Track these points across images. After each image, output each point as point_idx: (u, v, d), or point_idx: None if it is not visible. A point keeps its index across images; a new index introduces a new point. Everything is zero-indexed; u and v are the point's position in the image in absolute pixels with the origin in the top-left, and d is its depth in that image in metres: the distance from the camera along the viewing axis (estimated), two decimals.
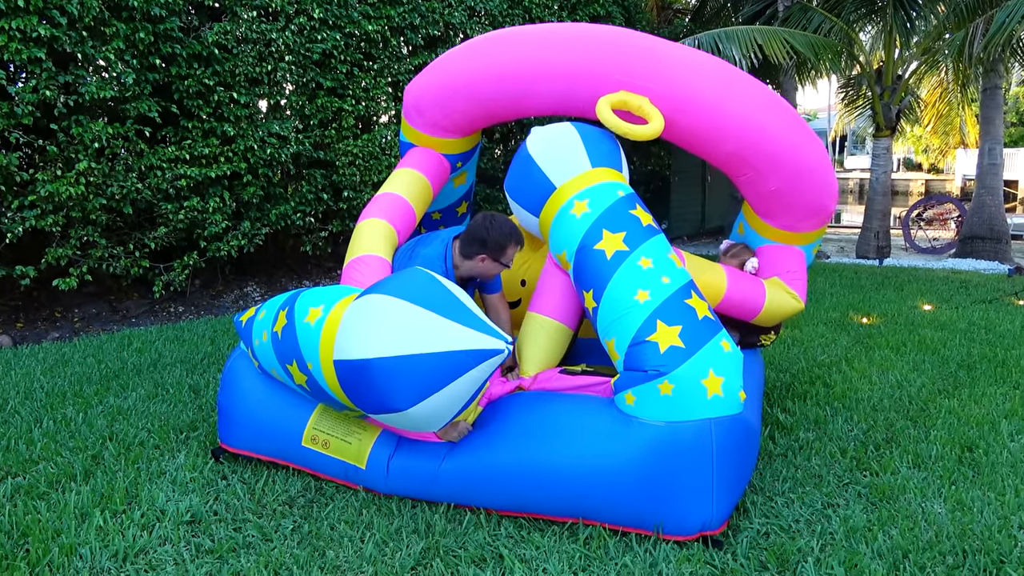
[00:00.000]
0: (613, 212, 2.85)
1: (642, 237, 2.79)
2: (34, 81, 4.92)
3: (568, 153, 3.02)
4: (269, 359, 2.73)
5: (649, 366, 2.51)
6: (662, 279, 2.66)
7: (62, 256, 5.34)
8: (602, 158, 3.04)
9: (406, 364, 2.16)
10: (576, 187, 2.95)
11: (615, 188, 2.94)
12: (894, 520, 2.58)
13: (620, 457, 2.42)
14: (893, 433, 3.41)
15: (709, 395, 2.46)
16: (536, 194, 3.06)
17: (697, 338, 2.54)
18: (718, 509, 2.40)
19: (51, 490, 2.75)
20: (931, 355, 4.83)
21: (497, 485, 2.53)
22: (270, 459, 2.92)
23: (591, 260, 2.80)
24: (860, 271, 9.22)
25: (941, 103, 13.82)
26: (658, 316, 2.58)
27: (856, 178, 33.68)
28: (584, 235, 2.84)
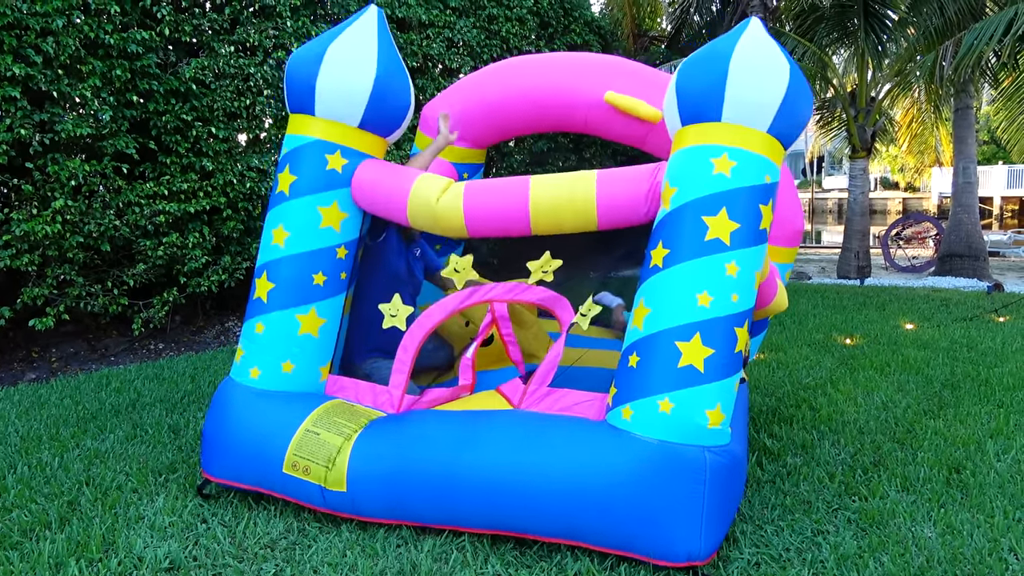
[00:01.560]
0: (746, 195, 2.52)
1: (750, 240, 2.53)
2: (8, 120, 4.87)
3: (761, 96, 2.53)
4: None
5: (655, 372, 2.44)
6: (732, 295, 2.48)
7: (38, 296, 5.26)
8: (784, 126, 2.60)
9: (310, 42, 3.10)
10: (737, 139, 2.54)
11: (767, 169, 2.57)
12: (885, 546, 2.56)
13: (608, 471, 2.38)
14: (880, 456, 3.40)
15: (709, 426, 2.43)
16: (700, 106, 2.60)
17: (719, 370, 2.45)
18: (707, 539, 2.37)
19: (24, 539, 2.67)
20: (915, 375, 4.85)
21: (482, 497, 2.49)
22: (253, 488, 2.85)
23: (689, 226, 2.52)
24: (842, 291, 9.29)
25: (915, 123, 14.08)
26: (701, 329, 2.44)
27: (835, 198, 34.15)
28: (704, 197, 2.51)
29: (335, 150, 3.08)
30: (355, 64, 3.03)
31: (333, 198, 3.07)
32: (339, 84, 3.01)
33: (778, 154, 2.62)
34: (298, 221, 3.03)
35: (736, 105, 2.53)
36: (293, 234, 3.02)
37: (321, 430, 2.77)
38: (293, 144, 3.11)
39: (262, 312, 3.02)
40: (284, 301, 3.00)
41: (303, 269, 3.01)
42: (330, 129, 3.07)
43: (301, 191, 3.04)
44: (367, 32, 3.10)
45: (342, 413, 2.88)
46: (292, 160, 3.09)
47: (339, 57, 3.02)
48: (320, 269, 3.04)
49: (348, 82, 3.02)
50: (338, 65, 3.02)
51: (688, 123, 2.65)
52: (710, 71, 2.56)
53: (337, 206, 3.08)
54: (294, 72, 3.09)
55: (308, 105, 3.06)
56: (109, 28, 5.23)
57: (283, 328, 2.99)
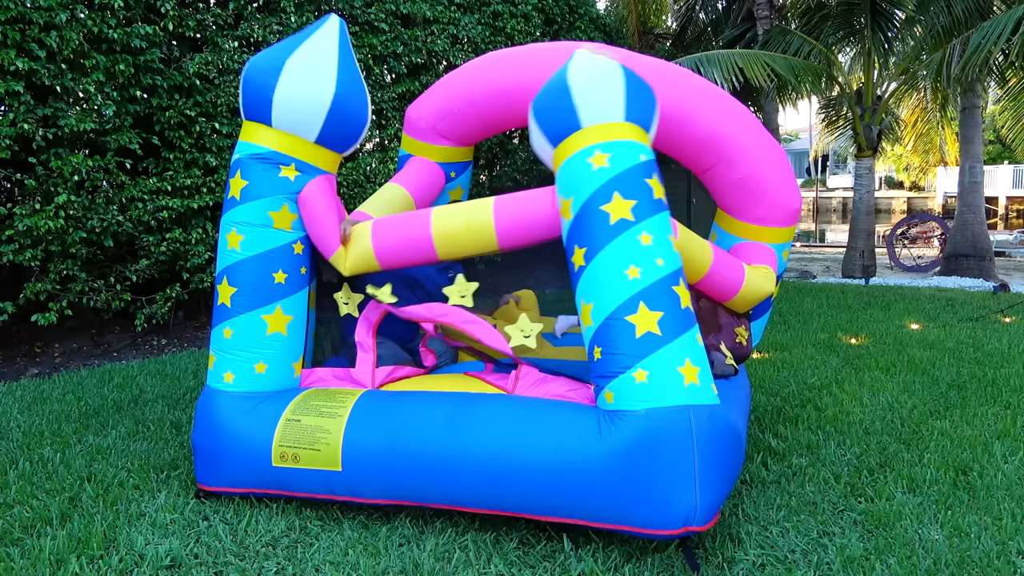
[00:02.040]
0: (630, 176, 2.70)
1: (650, 210, 2.68)
2: (12, 114, 4.86)
3: (606, 95, 2.78)
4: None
5: (619, 350, 2.51)
6: (656, 260, 2.59)
7: (41, 291, 5.25)
8: (637, 113, 2.83)
9: (269, 49, 3.05)
10: (602, 135, 2.76)
11: (639, 150, 2.77)
12: (891, 549, 2.53)
13: (599, 446, 2.42)
14: (886, 457, 3.38)
15: (686, 382, 2.45)
16: (560, 125, 2.83)
17: (675, 327, 2.52)
18: (702, 501, 2.35)
19: (25, 535, 2.65)
20: (921, 375, 4.82)
21: (478, 476, 2.52)
22: (250, 491, 2.84)
23: (594, 219, 2.67)
24: (847, 291, 9.25)
25: (921, 122, 14.02)
26: (643, 298, 2.53)
27: (839, 197, 34.05)
28: (595, 191, 2.68)
29: (290, 163, 3.03)
30: (314, 79, 2.98)
31: (283, 201, 3.03)
32: (297, 98, 2.96)
33: (643, 136, 2.82)
34: (250, 224, 3.00)
35: (588, 108, 2.76)
36: (247, 237, 3.00)
37: (302, 416, 2.81)
38: (247, 151, 3.05)
39: (228, 317, 3.00)
40: (248, 303, 2.98)
41: (262, 269, 3.00)
42: (285, 142, 3.02)
43: (252, 196, 3.01)
44: (328, 44, 3.06)
45: (318, 396, 2.93)
46: (243, 167, 3.05)
47: (298, 70, 2.97)
48: (279, 267, 3.02)
49: (306, 97, 2.97)
50: (297, 78, 2.96)
51: (557, 143, 2.84)
52: (556, 95, 2.81)
53: (287, 209, 3.04)
54: (251, 80, 3.02)
55: (265, 115, 3.00)
56: (113, 23, 5.22)
57: (251, 330, 2.98)
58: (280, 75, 2.95)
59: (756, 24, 11.76)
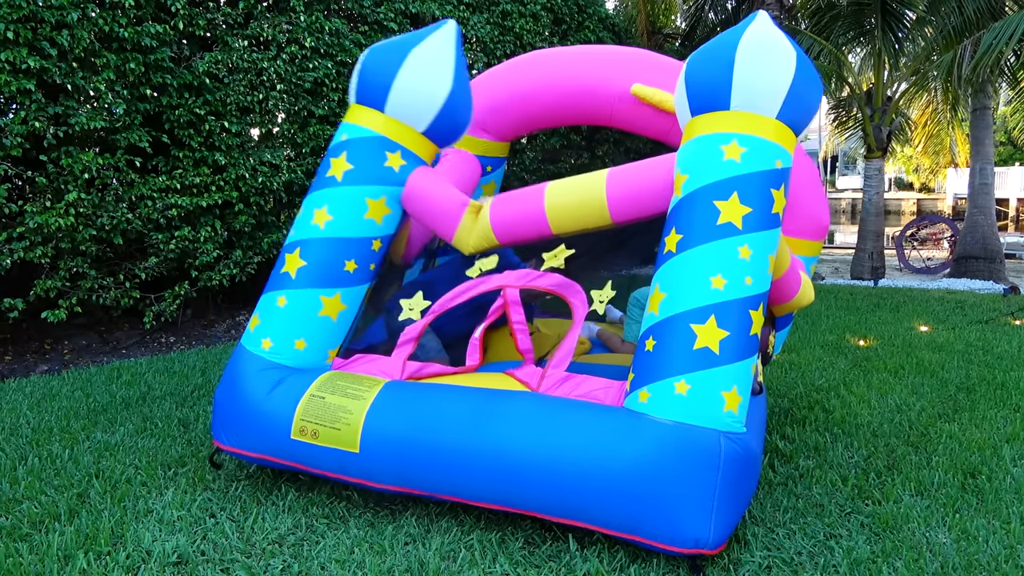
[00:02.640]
0: (757, 180, 2.56)
1: (762, 224, 2.55)
2: (23, 112, 4.89)
3: (769, 85, 2.59)
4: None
5: (671, 354, 2.45)
6: (746, 279, 2.49)
7: (51, 288, 5.28)
8: (793, 113, 2.64)
9: (392, 40, 3.21)
10: (747, 126, 2.59)
11: (778, 154, 2.61)
12: (898, 551, 2.52)
13: (622, 451, 2.37)
14: (894, 459, 3.36)
15: (725, 408, 2.40)
16: (708, 96, 2.66)
17: (735, 352, 2.44)
18: (716, 526, 2.33)
19: (34, 531, 2.67)
20: (929, 378, 4.79)
21: (494, 472, 2.49)
22: (262, 457, 2.86)
23: (701, 211, 2.55)
24: (855, 292, 9.21)
25: (931, 123, 13.95)
26: (715, 312, 2.44)
27: (848, 198, 33.93)
28: (715, 183, 2.55)
29: (396, 149, 3.15)
30: (434, 73, 3.13)
31: (383, 192, 3.14)
32: (416, 89, 3.11)
33: (789, 140, 2.65)
34: (344, 207, 3.09)
35: (744, 93, 2.58)
36: (336, 218, 3.08)
37: (326, 394, 2.81)
38: (354, 134, 3.17)
39: (287, 287, 3.05)
40: (312, 280, 3.04)
41: (338, 253, 3.07)
42: (396, 129, 3.15)
43: (354, 180, 3.11)
44: (447, 45, 3.19)
45: (346, 378, 2.93)
46: (351, 149, 3.15)
47: (421, 63, 3.11)
48: (353, 257, 3.10)
49: (425, 89, 3.12)
50: (418, 70, 3.11)
51: (697, 113, 2.70)
52: (717, 61, 2.62)
53: (384, 201, 3.15)
54: (371, 66, 3.16)
55: (379, 101, 3.13)
56: (124, 22, 5.24)
57: (305, 306, 3.03)
58: (403, 64, 3.09)
59: None
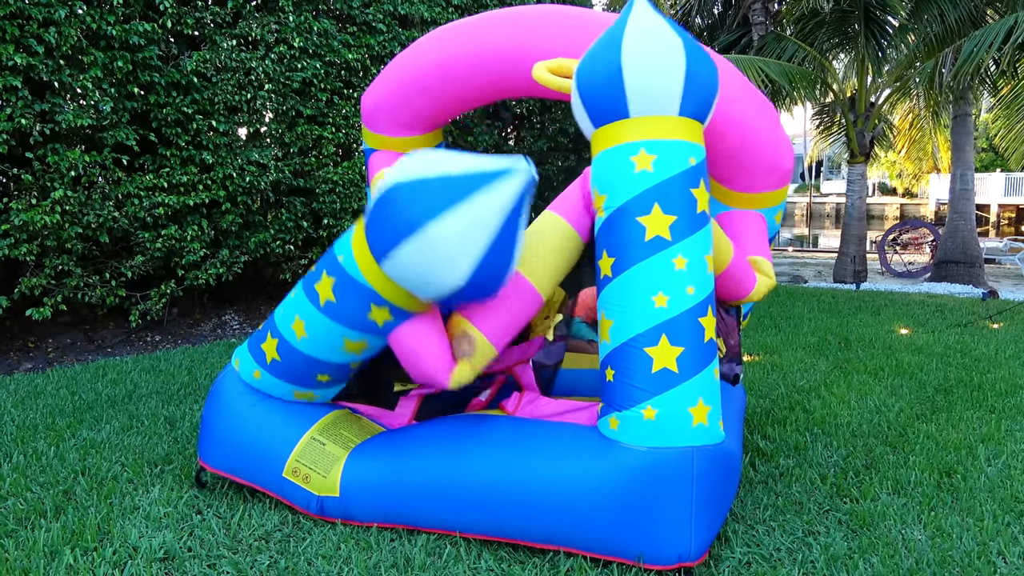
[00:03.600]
0: (674, 185, 2.49)
1: (689, 228, 2.49)
2: (9, 109, 4.88)
3: (664, 83, 2.47)
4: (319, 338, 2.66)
5: (632, 382, 2.45)
6: (688, 288, 2.45)
7: (36, 286, 5.26)
8: (695, 103, 2.55)
9: (425, 184, 2.23)
10: (651, 131, 2.50)
11: (689, 152, 2.53)
12: (875, 548, 2.58)
13: (599, 480, 2.39)
14: (872, 459, 3.43)
15: (694, 423, 2.43)
16: (605, 107, 2.55)
17: (694, 364, 2.45)
18: (697, 540, 2.38)
19: (19, 527, 2.68)
20: (908, 379, 4.87)
21: (472, 504, 2.52)
22: (248, 484, 2.86)
23: (627, 231, 2.50)
24: (838, 295, 9.32)
25: (914, 129, 14.13)
26: (665, 330, 2.43)
27: (832, 202, 34.22)
28: (634, 198, 2.49)
29: (383, 305, 2.56)
30: (455, 257, 2.33)
31: (362, 337, 2.67)
32: (426, 272, 2.37)
33: (696, 133, 2.57)
34: (320, 335, 2.67)
35: (640, 97, 2.48)
36: (311, 338, 2.69)
37: (327, 441, 2.78)
38: (347, 269, 2.57)
39: (263, 366, 2.86)
40: (285, 376, 2.84)
41: (310, 367, 2.77)
42: (388, 288, 2.50)
43: (335, 316, 2.62)
44: (494, 211, 2.38)
45: (349, 425, 2.89)
46: (339, 283, 2.59)
47: (431, 245, 2.31)
48: (327, 373, 2.80)
49: (436, 274, 2.35)
50: (426, 253, 2.36)
51: (599, 125, 2.60)
52: (606, 69, 2.50)
53: (367, 344, 2.71)
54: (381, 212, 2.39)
55: (377, 253, 2.43)
56: (111, 19, 5.24)
57: (279, 391, 2.89)
58: (411, 238, 2.29)
59: (752, 30, 11.83)
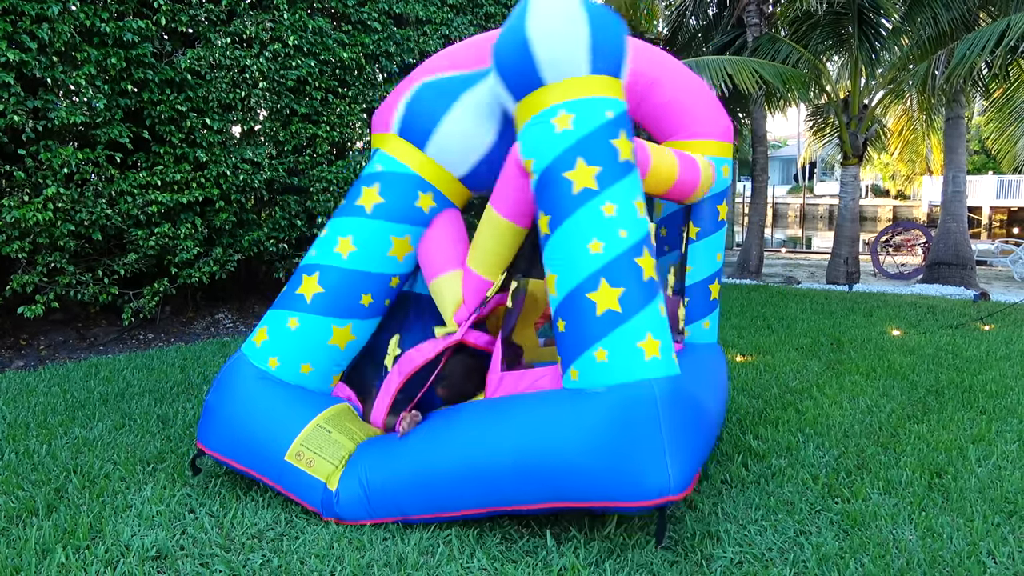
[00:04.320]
0: (595, 139, 2.63)
1: (615, 176, 2.62)
2: (1, 106, 4.85)
3: (569, 46, 2.63)
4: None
5: (580, 328, 2.53)
6: (620, 232, 2.57)
7: (28, 283, 5.24)
8: (604, 60, 2.69)
9: (450, 78, 2.96)
10: (565, 93, 2.66)
11: (605, 106, 2.68)
12: (866, 548, 2.59)
13: (570, 429, 2.45)
14: (864, 459, 3.44)
15: (647, 357, 2.48)
16: (521, 80, 2.72)
17: (636, 302, 2.53)
18: (675, 470, 2.37)
19: (11, 525, 2.67)
20: (900, 380, 4.90)
21: (461, 484, 2.56)
22: (245, 469, 2.86)
23: (556, 187, 2.63)
24: (830, 296, 9.35)
25: (907, 131, 14.19)
26: (604, 274, 2.53)
27: (826, 204, 34.33)
28: (558, 156, 2.63)
29: (429, 190, 3.11)
30: (481, 123, 3.04)
31: (408, 232, 3.11)
32: (461, 136, 3.04)
33: (612, 87, 2.72)
34: (369, 241, 3.05)
35: (551, 66, 2.64)
36: (360, 250, 3.04)
37: (333, 429, 2.83)
38: (390, 167, 3.12)
39: (301, 310, 3.02)
40: (327, 308, 3.02)
41: (356, 286, 3.05)
42: (433, 171, 3.11)
43: (383, 215, 3.06)
44: (496, 94, 2.98)
45: (353, 419, 2.96)
46: (384, 182, 3.10)
47: (470, 109, 3.02)
48: (371, 291, 3.08)
49: (470, 137, 3.04)
50: (466, 117, 3.02)
51: (519, 98, 2.76)
52: (515, 47, 2.68)
53: (408, 240, 3.13)
54: (421, 103, 3.09)
55: (421, 139, 3.07)
56: (105, 16, 5.22)
57: (316, 333, 3.01)
58: (451, 108, 3.02)
59: (746, 31, 11.87)
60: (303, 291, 3.04)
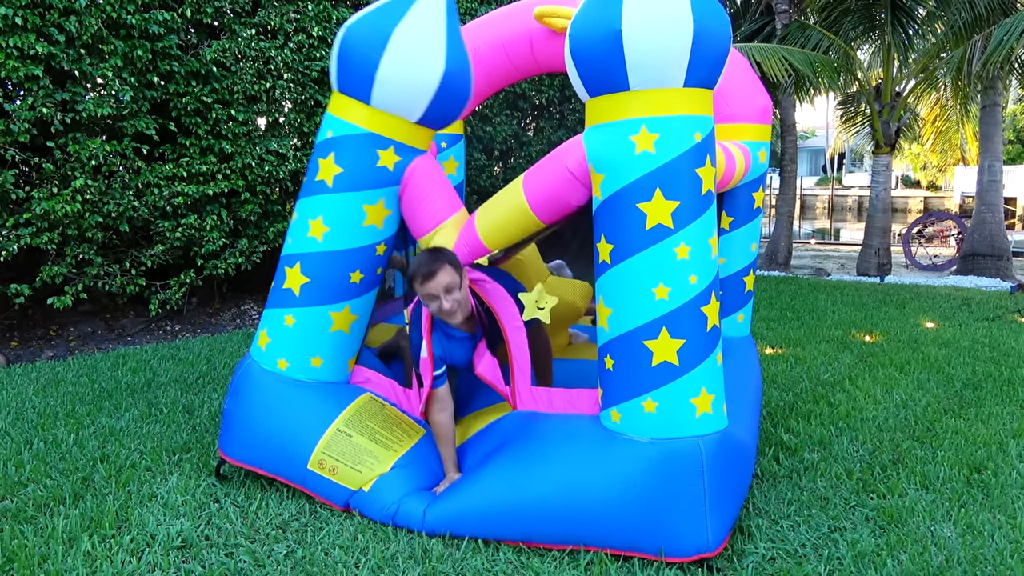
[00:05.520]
0: (678, 168, 2.32)
1: (694, 213, 2.35)
2: (31, 99, 4.89)
3: (667, 53, 2.25)
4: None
5: (631, 374, 2.39)
6: (690, 278, 2.35)
7: (57, 274, 5.29)
8: (703, 71, 2.33)
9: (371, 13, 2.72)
10: (651, 107, 2.31)
11: (694, 127, 2.35)
12: (903, 544, 2.51)
13: (606, 477, 2.35)
14: (899, 454, 3.35)
15: (698, 413, 2.38)
16: (603, 78, 2.36)
17: (696, 355, 2.39)
18: (714, 529, 2.32)
19: (39, 514, 2.68)
20: (935, 374, 4.77)
21: (490, 518, 2.47)
22: (269, 475, 2.84)
23: (626, 218, 2.36)
24: (861, 288, 9.18)
25: (940, 120, 13.87)
26: (666, 323, 2.35)
27: (855, 195, 33.79)
28: (633, 182, 2.34)
29: (388, 146, 2.79)
30: (424, 54, 2.67)
31: (380, 196, 2.83)
32: (405, 77, 2.68)
33: (703, 102, 2.38)
34: (340, 217, 2.80)
35: (641, 70, 2.28)
36: (333, 229, 2.80)
37: (353, 432, 2.76)
38: (340, 130, 2.81)
39: (293, 305, 2.88)
40: (318, 297, 2.85)
41: (341, 267, 2.85)
42: (386, 122, 2.77)
43: (346, 186, 2.79)
44: (435, 14, 2.72)
45: (373, 415, 2.86)
46: (338, 149, 2.80)
47: (406, 44, 2.65)
48: (358, 267, 2.88)
49: (415, 76, 2.68)
50: (405, 53, 2.65)
51: (596, 95, 2.42)
52: (603, 34, 2.28)
53: (383, 203, 2.86)
54: (351, 51, 2.72)
55: (363, 92, 2.73)
56: (131, 8, 5.24)
57: (315, 324, 2.87)
58: (386, 48, 2.64)
59: (775, 18, 11.67)
60: (289, 285, 2.87)
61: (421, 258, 2.69)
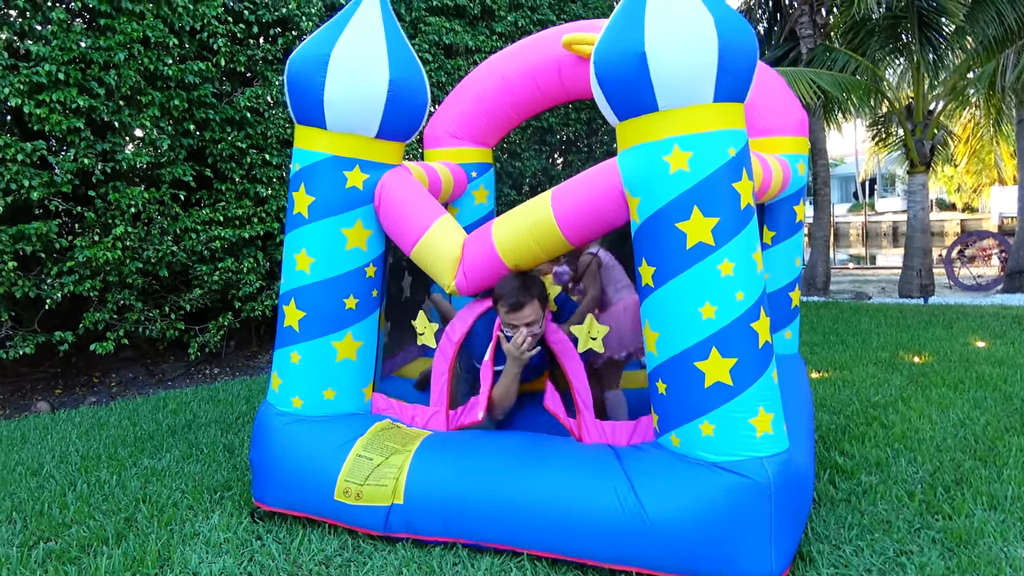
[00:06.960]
0: (714, 184, 2.27)
1: (734, 228, 2.29)
2: (73, 151, 5.03)
3: (694, 70, 2.21)
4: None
5: (685, 398, 2.33)
6: (736, 295, 2.28)
7: (99, 320, 5.37)
8: (732, 84, 2.28)
9: (310, 40, 2.76)
10: (683, 125, 2.26)
11: (728, 142, 2.30)
12: (976, 567, 2.37)
13: (667, 499, 2.27)
14: (962, 474, 3.20)
15: (758, 434, 2.29)
16: (630, 100, 2.31)
17: (749, 374, 2.31)
18: (778, 555, 2.22)
19: (83, 554, 2.66)
20: (992, 392, 4.59)
21: (541, 522, 2.41)
22: (306, 515, 2.80)
23: (666, 239, 2.31)
24: (905, 310, 8.95)
25: (973, 139, 13.65)
26: (715, 342, 2.28)
27: (888, 221, 33.24)
28: (670, 203, 2.29)
29: (353, 165, 2.81)
30: (365, 68, 2.69)
31: (356, 217, 2.85)
32: (350, 94, 2.70)
33: (735, 116, 2.33)
34: (322, 246, 2.82)
35: (669, 90, 2.23)
36: (318, 260, 2.83)
37: (374, 455, 2.72)
38: (306, 160, 2.84)
39: (295, 341, 2.89)
40: (317, 329, 2.85)
41: (333, 295, 2.85)
42: (345, 143, 2.79)
43: (321, 213, 2.81)
44: (371, 24, 2.75)
45: (392, 436, 2.82)
46: (307, 179, 2.83)
47: (346, 62, 2.68)
48: (351, 292, 2.88)
49: (360, 91, 2.70)
50: (347, 72, 2.68)
51: (625, 118, 2.38)
52: (626, 57, 2.25)
53: (361, 224, 2.87)
54: (297, 80, 2.75)
55: (318, 118, 2.76)
56: (168, 60, 5.38)
57: (320, 357, 2.87)
58: (327, 71, 2.68)
59: (799, 43, 11.65)
60: (289, 322, 2.88)
61: (510, 284, 2.70)
